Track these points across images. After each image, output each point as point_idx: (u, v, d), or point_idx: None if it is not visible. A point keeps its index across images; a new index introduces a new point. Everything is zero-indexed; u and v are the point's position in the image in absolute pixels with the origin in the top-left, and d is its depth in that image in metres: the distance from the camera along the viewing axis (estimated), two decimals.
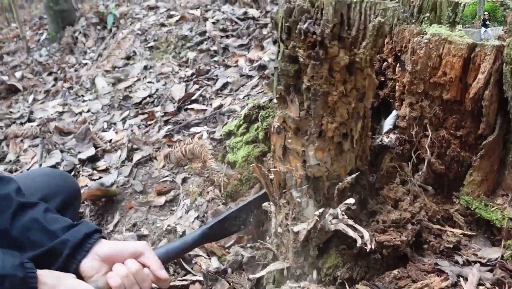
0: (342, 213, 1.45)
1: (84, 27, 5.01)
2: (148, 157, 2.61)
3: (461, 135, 1.55)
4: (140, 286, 1.23)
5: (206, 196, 2.11)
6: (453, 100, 1.52)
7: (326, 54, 1.33)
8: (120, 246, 1.26)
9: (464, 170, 1.58)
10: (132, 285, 1.22)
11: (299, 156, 1.53)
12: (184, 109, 3.00)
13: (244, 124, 2.18)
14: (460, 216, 1.58)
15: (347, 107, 1.43)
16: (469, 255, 1.45)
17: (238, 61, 3.45)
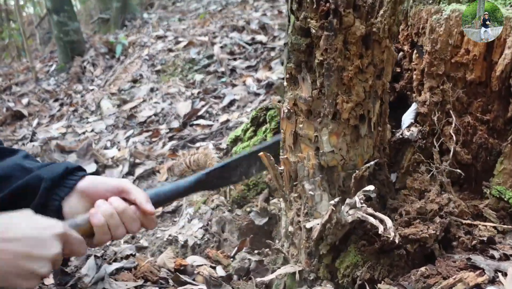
0: (360, 201, 1.30)
1: (93, 57, 5.03)
2: (150, 171, 2.49)
3: (488, 120, 1.41)
4: (127, 228, 1.06)
5: (211, 204, 1.96)
6: (477, 81, 1.40)
7: (340, 24, 1.24)
8: (102, 180, 1.10)
9: (493, 159, 1.43)
10: (117, 226, 1.04)
11: (312, 142, 1.40)
12: (190, 125, 2.91)
13: (252, 128, 2.06)
14: (492, 211, 1.41)
15: (363, 85, 1.31)
16: (506, 249, 1.28)
17: (245, 81, 3.39)
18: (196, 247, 1.82)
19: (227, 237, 1.83)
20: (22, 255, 0.85)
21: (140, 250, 1.92)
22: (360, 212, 1.29)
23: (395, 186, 1.60)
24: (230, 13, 5.68)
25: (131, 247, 1.94)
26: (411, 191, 1.44)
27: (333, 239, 1.38)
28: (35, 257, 0.86)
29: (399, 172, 1.61)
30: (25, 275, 0.86)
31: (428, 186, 1.40)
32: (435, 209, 1.33)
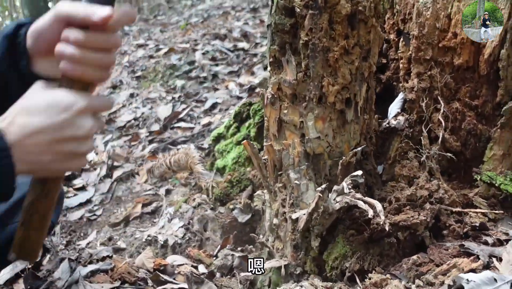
0: (348, 186, 1.25)
1: None
2: (129, 173, 2.39)
3: (476, 105, 1.39)
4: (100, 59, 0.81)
5: (192, 203, 1.88)
6: (465, 66, 1.37)
7: (325, 2, 1.20)
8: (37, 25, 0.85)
9: (483, 145, 1.40)
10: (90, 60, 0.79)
11: (297, 128, 1.35)
12: (171, 128, 2.83)
13: (235, 124, 2.00)
14: (482, 199, 1.37)
15: (349, 67, 1.27)
16: (499, 235, 1.23)
17: (228, 85, 3.34)
18: (176, 247, 1.74)
19: (210, 235, 1.75)
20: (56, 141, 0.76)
21: (118, 251, 1.83)
22: (348, 197, 1.24)
23: (382, 178, 1.55)
24: (212, 23, 5.65)
25: (107, 249, 1.85)
26: (399, 178, 1.39)
27: (320, 230, 1.31)
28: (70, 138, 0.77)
29: (386, 163, 1.56)
30: (69, 157, 0.78)
31: (417, 173, 1.36)
32: (425, 195, 1.29)
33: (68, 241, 2.00)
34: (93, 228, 2.07)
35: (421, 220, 1.23)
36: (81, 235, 2.04)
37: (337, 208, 1.25)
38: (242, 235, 1.74)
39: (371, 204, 1.21)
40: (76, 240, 2.01)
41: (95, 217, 2.14)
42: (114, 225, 2.00)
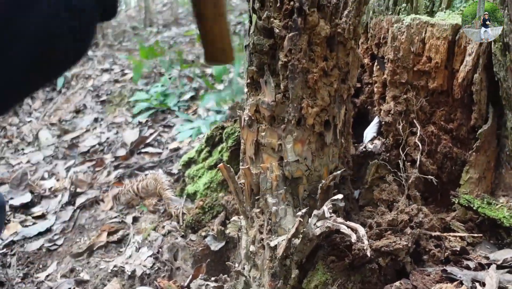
0: (328, 211, 1.21)
1: None
2: (93, 200, 2.28)
3: (451, 129, 1.40)
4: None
5: (162, 230, 1.80)
6: (440, 90, 1.39)
7: (305, 23, 1.19)
8: None
9: (458, 169, 1.41)
10: None
11: (275, 152, 1.31)
12: (138, 153, 2.74)
13: (207, 148, 1.94)
14: (459, 223, 1.37)
15: (328, 89, 1.26)
16: (479, 259, 1.22)
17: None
18: (145, 277, 1.63)
19: (180, 265, 1.66)
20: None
21: (80, 284, 1.70)
22: (330, 221, 1.20)
23: (359, 202, 1.53)
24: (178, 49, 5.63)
25: (69, 281, 1.73)
26: (379, 202, 1.37)
27: (300, 256, 1.26)
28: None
29: (363, 188, 1.54)
30: None
31: (397, 196, 1.34)
32: (405, 219, 1.27)
33: (25, 273, 1.86)
34: (53, 259, 1.93)
35: (403, 245, 1.20)
36: (40, 267, 1.90)
37: (317, 233, 1.21)
38: (215, 264, 1.66)
39: (354, 228, 1.18)
40: (34, 273, 1.86)
41: (55, 247, 2.00)
42: (77, 255, 1.88)
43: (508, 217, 1.26)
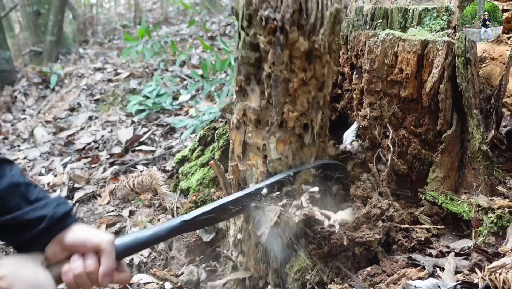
0: (306, 201, 1.37)
1: (25, 87, 4.85)
2: (91, 195, 2.40)
3: (420, 133, 1.56)
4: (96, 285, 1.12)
5: (157, 223, 1.93)
6: (410, 98, 1.55)
7: (286, 40, 1.34)
8: (85, 237, 1.12)
9: (426, 169, 1.57)
10: (84, 284, 1.11)
11: (260, 150, 1.47)
12: (132, 151, 2.86)
13: (200, 147, 2.09)
14: (426, 216, 1.54)
15: (307, 96, 1.41)
16: (441, 248, 1.39)
17: (188, 111, 3.42)
18: (142, 266, 1.77)
19: (174, 254, 1.80)
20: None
21: None
22: (306, 209, 1.36)
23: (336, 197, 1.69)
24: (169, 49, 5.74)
25: None
26: (354, 198, 1.53)
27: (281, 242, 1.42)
28: None
29: None
30: None
31: (370, 193, 1.50)
32: (377, 213, 1.43)
33: None
34: None
35: (375, 238, 1.36)
36: None
37: (296, 220, 1.36)
38: (206, 254, 1.81)
39: (327, 215, 1.33)
40: None
41: None
42: None
43: (467, 211, 1.43)
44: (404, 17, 1.60)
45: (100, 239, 1.13)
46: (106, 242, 1.12)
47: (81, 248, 1.11)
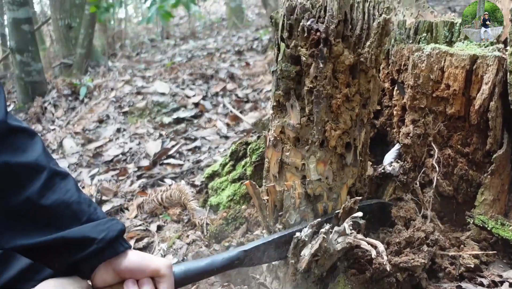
0: (349, 228, 1.29)
1: (55, 98, 4.92)
2: (119, 208, 2.38)
3: (467, 152, 1.47)
4: None
5: (186, 239, 1.88)
6: (457, 116, 1.47)
7: (330, 52, 1.28)
8: (142, 261, 1.05)
9: (474, 191, 1.48)
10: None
11: (298, 170, 1.40)
12: (160, 164, 2.84)
13: (231, 162, 2.04)
14: (473, 242, 1.44)
15: (350, 114, 1.35)
16: (493, 277, 1.29)
17: (216, 124, 3.40)
18: None
19: None
20: None
21: None
22: (351, 237, 1.28)
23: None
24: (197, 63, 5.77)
25: None
26: (396, 220, 1.45)
27: (320, 270, 1.34)
28: None
29: None
30: None
31: (414, 215, 1.42)
32: (421, 237, 1.34)
33: None
34: None
35: (421, 263, 1.27)
36: None
37: (338, 248, 1.29)
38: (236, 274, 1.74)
39: (373, 244, 1.26)
40: None
41: None
42: None
43: None
44: (450, 31, 1.53)
45: (159, 263, 1.05)
46: (166, 267, 1.05)
47: (137, 273, 1.03)
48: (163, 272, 1.04)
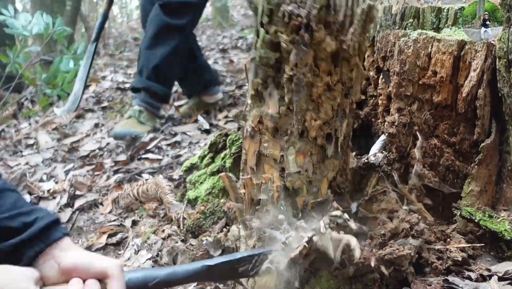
0: (325, 226, 1.22)
1: (33, 94, 4.77)
2: (92, 203, 2.27)
3: (454, 142, 1.42)
4: None
5: (161, 234, 1.79)
6: (444, 104, 1.41)
7: (311, 39, 1.20)
8: (88, 261, 0.97)
9: (460, 182, 1.43)
10: None
11: (277, 162, 1.33)
12: (138, 159, 2.74)
13: (210, 155, 1.95)
14: (460, 235, 1.38)
15: (332, 103, 1.28)
16: (481, 270, 1.23)
17: (197, 120, 3.31)
18: None
19: None
20: None
21: None
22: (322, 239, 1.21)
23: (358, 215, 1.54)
24: None
25: None
26: (378, 213, 1.38)
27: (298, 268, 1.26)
28: None
29: (363, 200, 1.54)
30: None
31: (396, 206, 1.35)
32: (406, 228, 1.28)
33: None
34: None
35: (407, 253, 1.21)
36: None
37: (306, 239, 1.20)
38: None
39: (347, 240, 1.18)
40: None
41: None
42: None
43: (509, 230, 1.28)
44: (437, 17, 1.48)
45: (108, 263, 0.97)
46: (116, 267, 0.97)
47: (83, 272, 0.95)
48: (111, 272, 0.96)
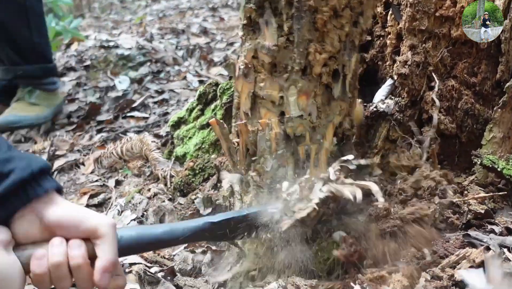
0: (335, 173, 1.06)
1: None
2: (73, 163, 2.11)
3: (474, 83, 1.26)
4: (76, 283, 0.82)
5: (147, 193, 1.64)
6: (463, 39, 1.25)
7: None
8: (76, 217, 0.81)
9: (480, 128, 1.28)
10: (61, 279, 0.79)
11: (275, 105, 1.15)
12: (123, 117, 2.56)
13: (199, 106, 1.78)
14: (479, 187, 1.24)
15: (339, 33, 1.09)
16: (507, 224, 1.09)
17: (186, 77, 3.12)
18: None
19: None
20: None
21: None
22: (334, 184, 1.05)
23: None
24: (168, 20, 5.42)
25: None
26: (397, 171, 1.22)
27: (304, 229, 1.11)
28: None
29: (371, 152, 1.39)
30: None
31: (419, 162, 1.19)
32: (432, 185, 1.12)
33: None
34: None
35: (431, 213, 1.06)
36: None
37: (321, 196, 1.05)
38: None
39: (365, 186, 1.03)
40: None
41: None
42: None
43: None
44: None
45: (99, 221, 0.82)
46: (106, 226, 0.81)
47: (70, 230, 0.80)
48: (102, 231, 0.80)
